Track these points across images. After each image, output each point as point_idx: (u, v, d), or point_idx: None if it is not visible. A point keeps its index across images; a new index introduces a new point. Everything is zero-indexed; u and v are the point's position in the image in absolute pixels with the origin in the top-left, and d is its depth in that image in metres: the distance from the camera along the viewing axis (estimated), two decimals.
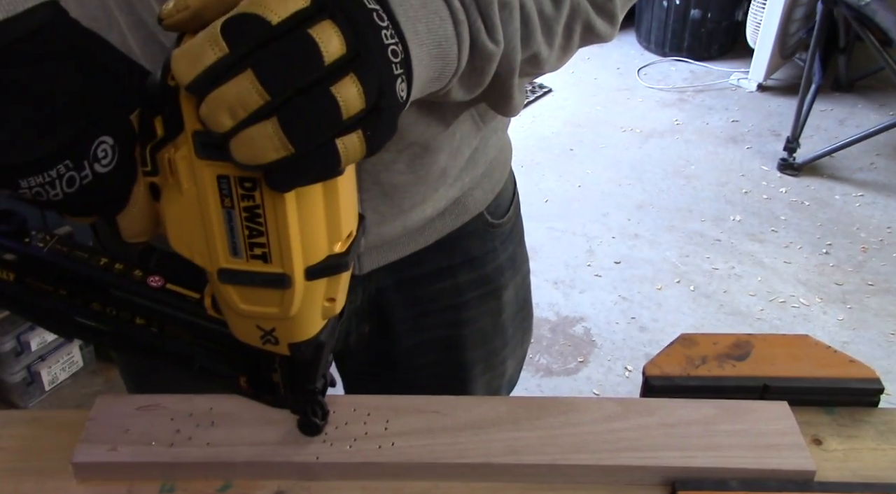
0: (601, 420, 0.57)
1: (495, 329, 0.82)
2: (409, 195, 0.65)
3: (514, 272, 0.81)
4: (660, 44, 3.45)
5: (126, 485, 0.55)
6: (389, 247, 0.69)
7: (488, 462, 0.54)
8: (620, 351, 2.03)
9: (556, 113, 3.09)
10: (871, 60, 2.83)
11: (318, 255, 0.41)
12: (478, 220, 0.75)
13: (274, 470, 0.55)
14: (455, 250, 0.74)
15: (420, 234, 0.71)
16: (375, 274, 0.71)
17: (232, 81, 0.34)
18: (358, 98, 0.35)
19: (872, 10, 2.38)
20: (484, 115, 0.67)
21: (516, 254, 0.82)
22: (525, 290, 0.87)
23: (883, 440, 0.59)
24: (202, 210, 0.39)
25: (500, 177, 0.77)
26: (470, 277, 0.76)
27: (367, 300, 0.74)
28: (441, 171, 0.66)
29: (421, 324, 0.77)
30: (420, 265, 0.73)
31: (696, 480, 0.54)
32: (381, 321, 0.76)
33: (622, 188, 2.67)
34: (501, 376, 0.87)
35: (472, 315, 0.78)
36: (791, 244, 2.39)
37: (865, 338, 2.05)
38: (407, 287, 0.74)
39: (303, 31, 0.34)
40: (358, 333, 0.77)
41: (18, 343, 1.70)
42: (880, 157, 2.77)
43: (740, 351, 0.64)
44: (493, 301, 0.79)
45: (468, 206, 0.73)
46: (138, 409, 0.58)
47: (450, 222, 0.72)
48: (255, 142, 0.34)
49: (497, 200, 0.77)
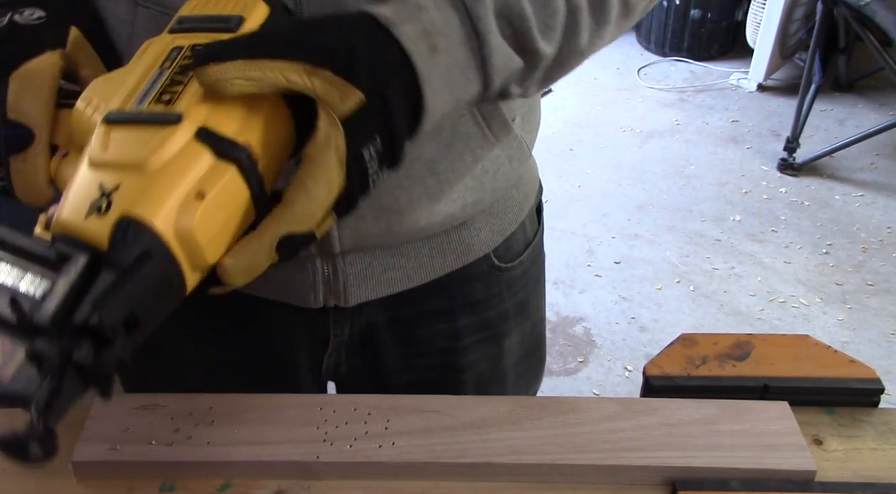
0: (601, 420, 0.57)
1: (493, 375, 0.77)
2: (388, 188, 0.59)
3: (521, 319, 0.76)
4: (660, 44, 3.45)
5: (126, 484, 0.55)
6: (380, 280, 0.65)
7: (488, 461, 0.54)
8: (620, 351, 2.03)
9: (556, 113, 3.09)
10: (871, 60, 2.83)
11: (223, 127, 0.40)
12: (483, 262, 0.69)
13: (274, 470, 0.55)
14: (455, 292, 0.69)
15: (416, 271, 0.66)
16: (366, 309, 0.67)
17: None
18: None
19: (872, 10, 2.38)
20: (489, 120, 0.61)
21: (527, 302, 0.76)
22: (536, 337, 0.81)
23: (883, 440, 0.58)
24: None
25: (514, 218, 0.70)
26: (469, 321, 0.72)
27: (358, 334, 0.70)
28: (428, 165, 0.59)
29: (415, 364, 0.73)
30: (416, 305, 0.68)
31: (697, 480, 0.54)
32: (374, 356, 0.72)
33: (622, 188, 2.67)
34: None
35: (469, 360, 0.74)
36: (791, 244, 2.39)
37: (865, 338, 2.05)
38: (401, 326, 0.70)
39: None
40: (349, 366, 0.73)
41: None
42: (880, 157, 2.77)
43: (740, 351, 0.64)
44: (493, 346, 0.75)
45: (472, 246, 0.67)
46: (138, 408, 0.58)
47: (450, 261, 0.67)
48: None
49: (508, 242, 0.70)
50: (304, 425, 0.57)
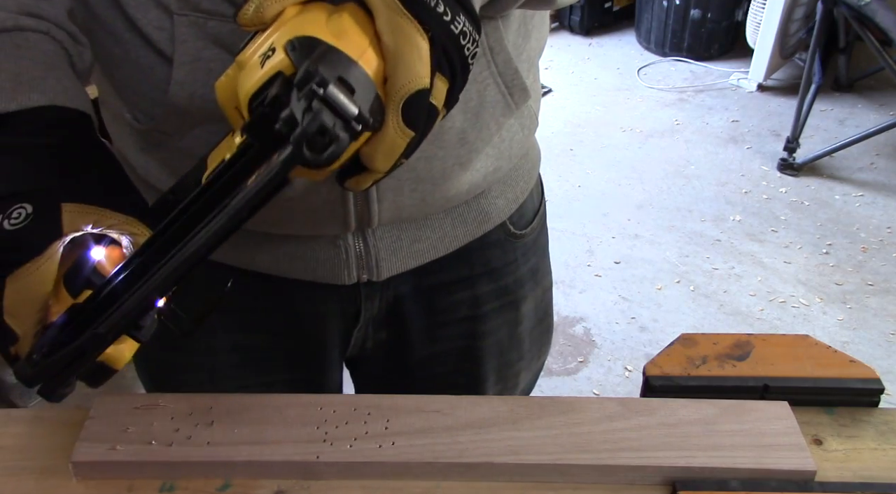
0: (601, 419, 0.57)
1: (511, 341, 0.81)
2: (424, 158, 0.61)
3: (534, 284, 0.80)
4: (660, 44, 3.45)
5: (126, 484, 0.55)
6: (409, 253, 0.68)
7: (488, 461, 0.54)
8: (620, 351, 2.03)
9: (556, 113, 3.09)
10: (871, 60, 2.83)
11: None
12: (500, 230, 0.74)
13: (274, 470, 0.55)
14: (475, 260, 0.73)
15: (440, 241, 0.70)
16: (394, 281, 0.70)
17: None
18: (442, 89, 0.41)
19: (872, 9, 2.38)
20: (511, 87, 0.64)
21: (539, 267, 0.81)
22: (546, 304, 0.85)
23: (883, 440, 0.58)
24: None
25: (525, 186, 0.75)
26: (489, 288, 0.75)
27: (386, 307, 0.73)
28: (460, 136, 0.62)
29: (438, 335, 0.76)
30: (439, 273, 0.72)
31: (697, 480, 0.54)
32: (398, 329, 0.75)
33: (622, 188, 2.67)
34: (514, 387, 0.86)
35: (489, 327, 0.77)
36: (791, 244, 2.39)
37: (865, 338, 2.05)
38: (425, 295, 0.73)
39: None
40: (375, 340, 0.76)
41: None
42: (880, 157, 2.77)
43: (740, 351, 0.64)
44: (511, 312, 0.78)
45: (490, 214, 0.72)
46: (138, 408, 0.58)
47: (472, 229, 0.71)
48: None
49: (521, 210, 0.75)
50: (304, 425, 0.57)
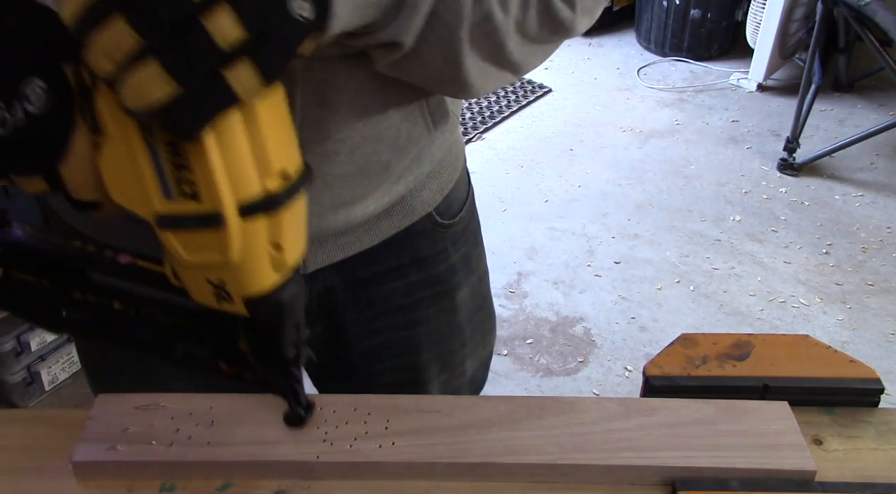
0: (601, 419, 0.57)
1: (451, 329, 0.81)
2: (349, 187, 0.64)
3: (468, 272, 0.81)
4: (660, 44, 3.45)
5: (126, 484, 0.55)
6: (334, 246, 0.69)
7: (488, 461, 0.54)
8: (620, 351, 2.03)
9: (556, 113, 3.09)
10: (871, 60, 2.83)
11: (249, 190, 0.41)
12: (426, 221, 0.74)
13: (274, 470, 0.55)
14: (404, 250, 0.74)
15: (366, 233, 0.70)
16: (323, 273, 0.70)
17: (105, 25, 0.34)
18: (233, 26, 0.34)
19: (872, 10, 2.38)
20: (436, 117, 0.66)
21: (471, 255, 0.81)
22: (483, 290, 0.86)
23: (883, 440, 0.58)
24: (129, 151, 0.40)
25: (449, 178, 0.75)
26: (421, 277, 0.76)
27: (317, 299, 0.73)
28: (384, 166, 0.65)
29: (374, 327, 0.76)
30: (370, 265, 0.72)
31: (697, 480, 0.54)
32: (333, 322, 0.75)
33: (622, 188, 2.67)
34: (461, 376, 0.86)
35: (424, 315, 0.78)
36: (791, 244, 2.39)
37: (865, 338, 2.05)
38: (358, 287, 0.73)
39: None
40: (311, 334, 0.75)
41: (18, 343, 1.70)
42: (880, 157, 2.77)
43: (740, 351, 0.64)
44: (447, 300, 0.79)
45: (415, 207, 0.72)
46: (138, 408, 0.58)
47: (396, 222, 0.71)
48: (141, 84, 0.34)
49: (447, 201, 0.75)
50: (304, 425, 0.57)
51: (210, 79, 0.35)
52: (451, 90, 0.57)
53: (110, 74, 0.35)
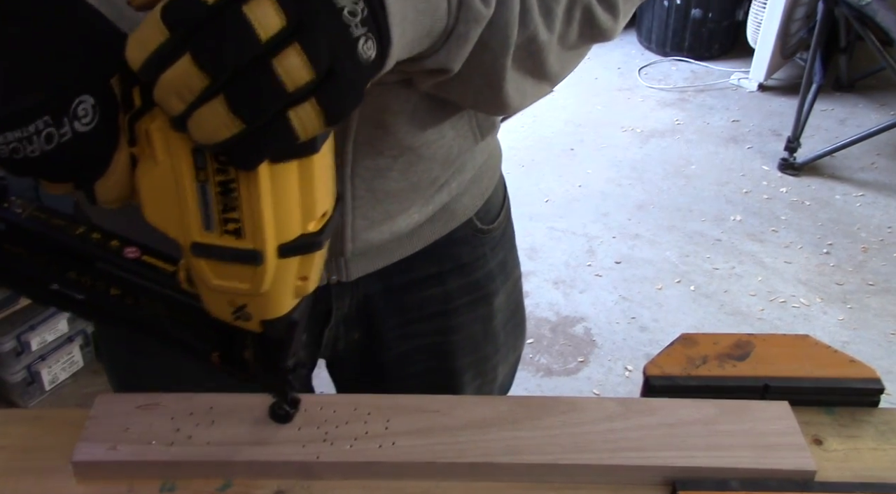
0: (601, 419, 0.57)
1: (486, 335, 0.81)
2: (398, 201, 0.64)
3: (504, 278, 0.80)
4: (660, 43, 3.45)
5: (126, 484, 0.55)
6: (377, 254, 0.68)
7: (488, 461, 0.54)
8: (621, 351, 2.03)
9: (556, 113, 3.09)
10: (871, 60, 2.83)
11: (291, 233, 0.41)
12: (467, 226, 0.74)
13: (274, 470, 0.55)
14: (444, 256, 0.73)
15: (408, 240, 0.70)
16: (363, 281, 0.70)
17: (174, 66, 0.34)
18: (303, 67, 0.34)
19: (873, 9, 2.38)
20: (483, 127, 0.66)
21: (507, 260, 0.81)
22: (517, 295, 0.86)
23: (883, 440, 0.58)
24: (177, 183, 0.39)
25: (489, 183, 0.76)
26: (459, 284, 0.75)
27: (356, 307, 0.73)
28: (433, 179, 0.66)
29: (410, 332, 0.76)
30: (409, 272, 0.72)
31: (697, 480, 0.54)
32: (370, 328, 0.75)
33: (622, 188, 2.67)
34: (493, 382, 0.86)
35: (461, 321, 0.77)
36: (791, 244, 2.39)
37: (865, 338, 2.05)
38: (395, 294, 0.73)
39: (236, 8, 0.33)
40: (347, 340, 0.76)
41: (19, 343, 1.70)
42: (881, 157, 2.77)
43: (741, 350, 0.64)
44: (484, 307, 0.79)
45: (456, 212, 0.72)
46: (138, 408, 0.58)
47: (438, 228, 0.71)
48: (208, 121, 0.34)
49: (486, 206, 0.76)
50: (305, 425, 0.57)
51: (274, 119, 0.35)
52: (488, 109, 0.56)
53: (178, 112, 0.35)
